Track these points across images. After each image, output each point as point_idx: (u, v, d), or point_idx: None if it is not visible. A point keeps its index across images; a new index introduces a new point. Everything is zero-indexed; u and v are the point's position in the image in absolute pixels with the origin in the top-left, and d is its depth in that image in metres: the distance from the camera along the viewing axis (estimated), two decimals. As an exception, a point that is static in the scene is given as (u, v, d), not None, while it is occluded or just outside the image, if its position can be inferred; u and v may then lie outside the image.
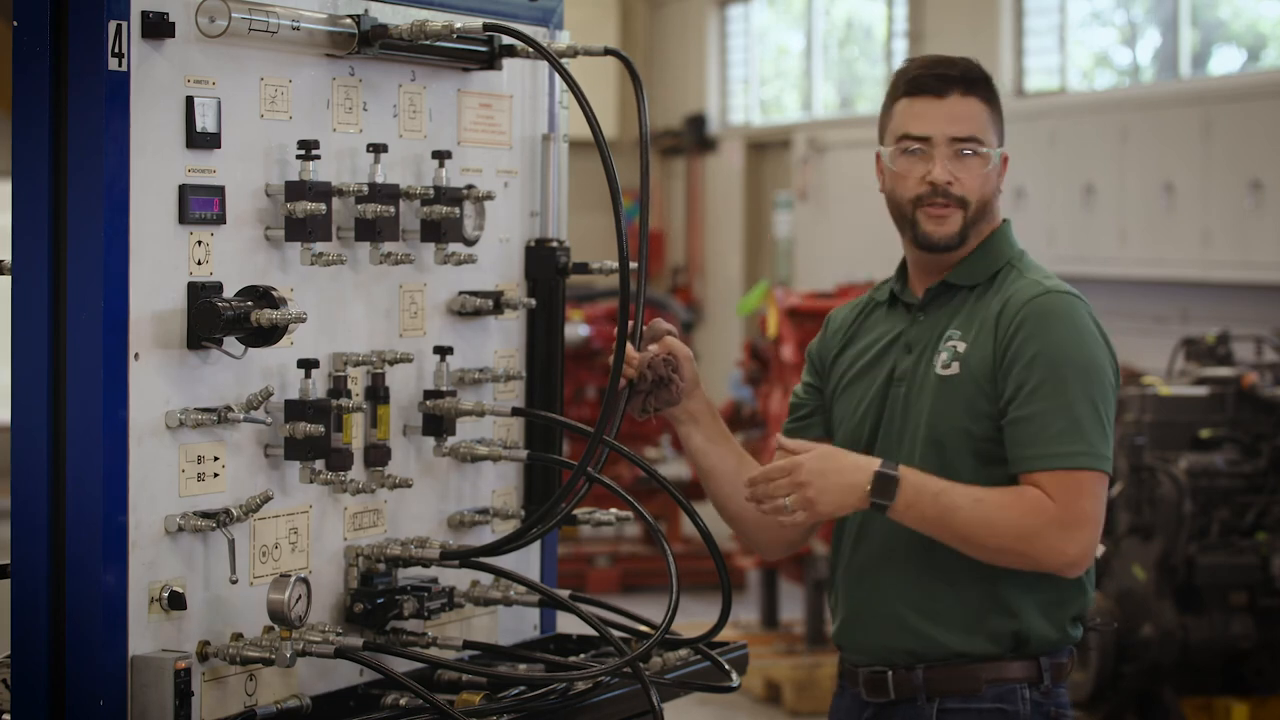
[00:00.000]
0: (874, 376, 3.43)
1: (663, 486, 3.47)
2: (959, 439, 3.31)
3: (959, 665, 3.31)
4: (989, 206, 3.42)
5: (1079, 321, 3.30)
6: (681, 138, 17.04)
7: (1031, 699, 3.32)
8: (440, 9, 3.30)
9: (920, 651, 3.33)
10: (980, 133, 3.38)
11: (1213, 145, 9.96)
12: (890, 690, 3.35)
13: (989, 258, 3.41)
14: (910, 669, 3.33)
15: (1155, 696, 7.04)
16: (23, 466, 2.86)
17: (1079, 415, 3.25)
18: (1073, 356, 3.27)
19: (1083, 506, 3.23)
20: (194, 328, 2.92)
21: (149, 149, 2.87)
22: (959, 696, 3.32)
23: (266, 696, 3.04)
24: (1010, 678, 3.32)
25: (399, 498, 3.33)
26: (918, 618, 3.33)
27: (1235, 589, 6.94)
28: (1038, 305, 3.30)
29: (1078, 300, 3.34)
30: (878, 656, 3.38)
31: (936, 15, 13.18)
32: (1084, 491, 3.24)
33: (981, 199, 3.39)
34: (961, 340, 3.34)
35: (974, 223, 3.40)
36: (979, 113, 3.39)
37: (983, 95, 3.40)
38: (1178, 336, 8.06)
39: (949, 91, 3.37)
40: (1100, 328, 3.34)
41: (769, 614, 9.48)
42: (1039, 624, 3.32)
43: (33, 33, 2.82)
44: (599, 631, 3.34)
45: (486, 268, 3.49)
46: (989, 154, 3.38)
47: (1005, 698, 3.31)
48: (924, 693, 3.33)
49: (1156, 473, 7.04)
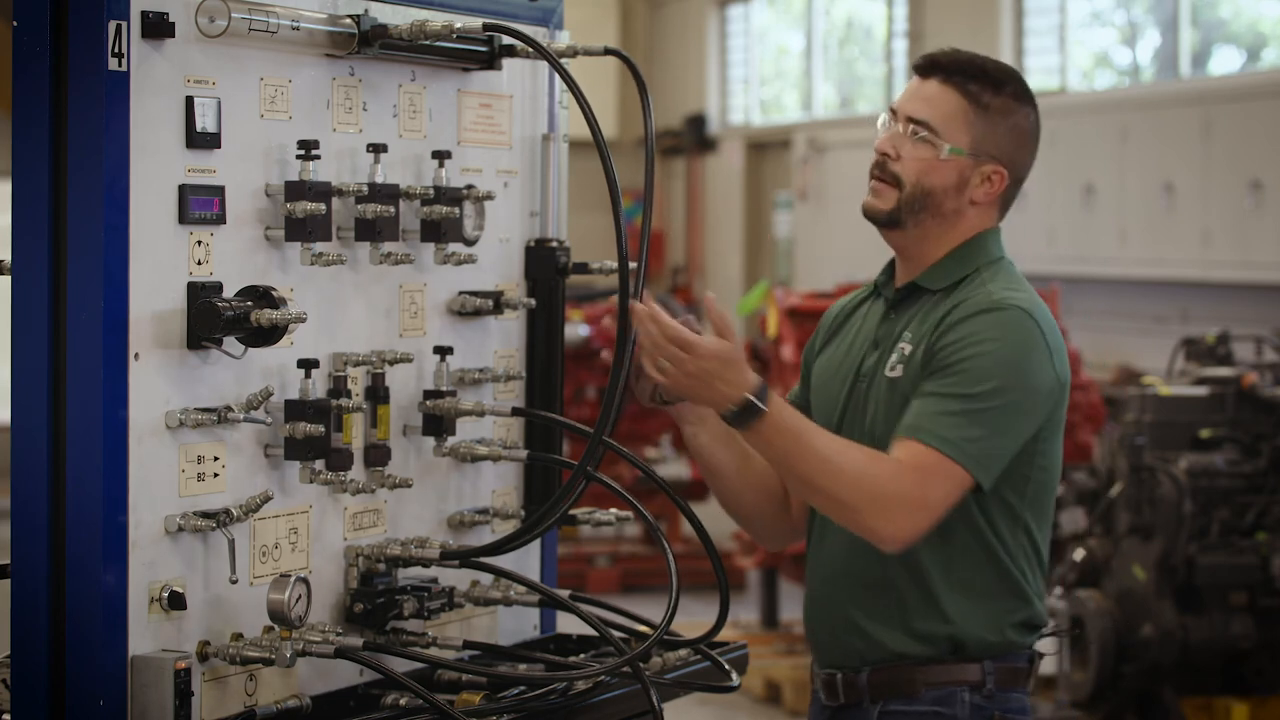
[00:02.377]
0: (846, 371, 3.40)
1: (661, 487, 3.47)
2: None
3: (900, 667, 3.29)
4: (936, 202, 3.31)
5: (1020, 335, 3.20)
6: (681, 138, 17.05)
7: (972, 702, 3.27)
8: (440, 9, 3.30)
9: (865, 653, 3.30)
10: (938, 121, 3.29)
11: (1213, 145, 9.97)
12: (840, 694, 3.33)
13: (959, 263, 3.33)
14: (857, 672, 3.31)
15: (1155, 696, 7.04)
16: (23, 466, 2.86)
17: (980, 416, 3.16)
18: (1003, 366, 3.18)
19: (929, 488, 3.13)
20: (194, 328, 2.92)
21: (149, 149, 2.86)
22: (900, 699, 3.27)
23: (266, 696, 3.04)
24: (949, 680, 3.28)
25: (399, 498, 3.33)
26: (864, 619, 3.30)
27: (1235, 589, 6.94)
28: (982, 312, 3.22)
29: (1026, 315, 3.23)
30: (830, 659, 3.35)
31: (936, 15, 13.19)
32: (937, 475, 3.14)
33: (920, 187, 3.30)
34: (909, 343, 3.28)
35: (912, 210, 3.31)
36: (947, 102, 3.30)
37: (962, 88, 3.30)
38: (1178, 336, 8.06)
39: (931, 75, 3.32)
40: (1049, 347, 3.23)
41: (769, 614, 9.48)
42: (975, 629, 3.27)
43: (33, 33, 2.82)
44: (599, 631, 3.33)
45: (486, 268, 3.49)
46: (940, 145, 3.29)
47: (943, 701, 3.27)
48: (868, 695, 3.30)
49: (1156, 473, 7.04)
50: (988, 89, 3.32)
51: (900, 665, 3.28)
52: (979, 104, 3.31)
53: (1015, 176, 3.38)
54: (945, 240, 3.36)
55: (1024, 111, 3.36)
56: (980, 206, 3.36)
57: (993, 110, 3.32)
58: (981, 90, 3.31)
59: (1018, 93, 3.36)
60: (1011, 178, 3.36)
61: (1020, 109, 3.35)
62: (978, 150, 3.32)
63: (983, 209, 3.36)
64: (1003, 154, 3.34)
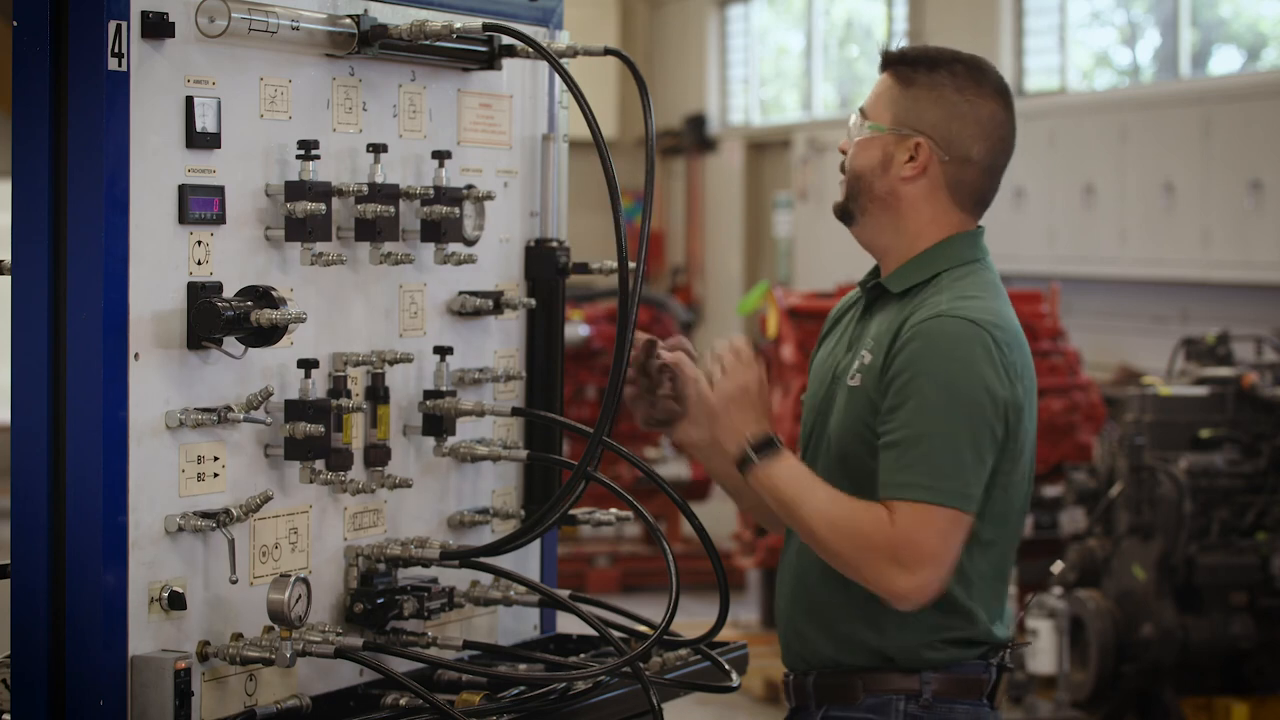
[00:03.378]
0: (826, 373, 3.38)
1: (661, 487, 3.48)
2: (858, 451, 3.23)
3: (841, 673, 3.29)
4: (865, 183, 3.29)
5: (966, 349, 3.14)
6: (681, 138, 17.04)
7: (907, 711, 3.25)
8: (440, 9, 3.30)
9: (809, 658, 3.31)
10: (870, 106, 3.29)
11: (1213, 145, 9.97)
12: (792, 695, 3.34)
13: (921, 267, 3.28)
14: (805, 674, 3.32)
15: (1155, 696, 7.04)
16: (23, 466, 2.86)
17: (944, 448, 3.12)
18: (952, 386, 3.13)
19: (922, 541, 3.09)
20: (194, 328, 2.92)
21: (149, 149, 2.87)
22: (840, 705, 3.27)
23: (266, 696, 3.04)
24: (886, 689, 3.27)
25: (399, 498, 3.33)
26: (808, 624, 3.30)
27: (1235, 589, 6.95)
28: (926, 328, 3.16)
29: (971, 325, 3.16)
30: (786, 661, 3.38)
31: (936, 15, 13.18)
32: (929, 527, 3.10)
33: (851, 172, 3.30)
34: (870, 351, 3.25)
35: (855, 198, 3.31)
36: (882, 89, 3.29)
37: (898, 73, 3.28)
38: (1178, 336, 8.07)
39: (882, 71, 3.32)
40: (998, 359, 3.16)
41: (769, 614, 9.48)
42: (904, 643, 3.23)
43: (33, 33, 2.82)
44: (599, 631, 3.34)
45: (486, 268, 3.49)
46: (867, 127, 3.28)
47: (879, 709, 3.25)
48: (814, 699, 3.30)
49: (1156, 473, 7.05)
50: (920, 69, 3.28)
51: (841, 671, 3.28)
52: (903, 81, 3.27)
53: (955, 154, 3.27)
54: (899, 232, 3.30)
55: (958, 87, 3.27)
56: (915, 185, 3.28)
57: (917, 85, 3.27)
58: (912, 71, 3.28)
59: (959, 73, 3.28)
60: (949, 154, 3.26)
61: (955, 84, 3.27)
62: (899, 124, 3.27)
63: (923, 190, 3.28)
64: (926, 126, 3.26)
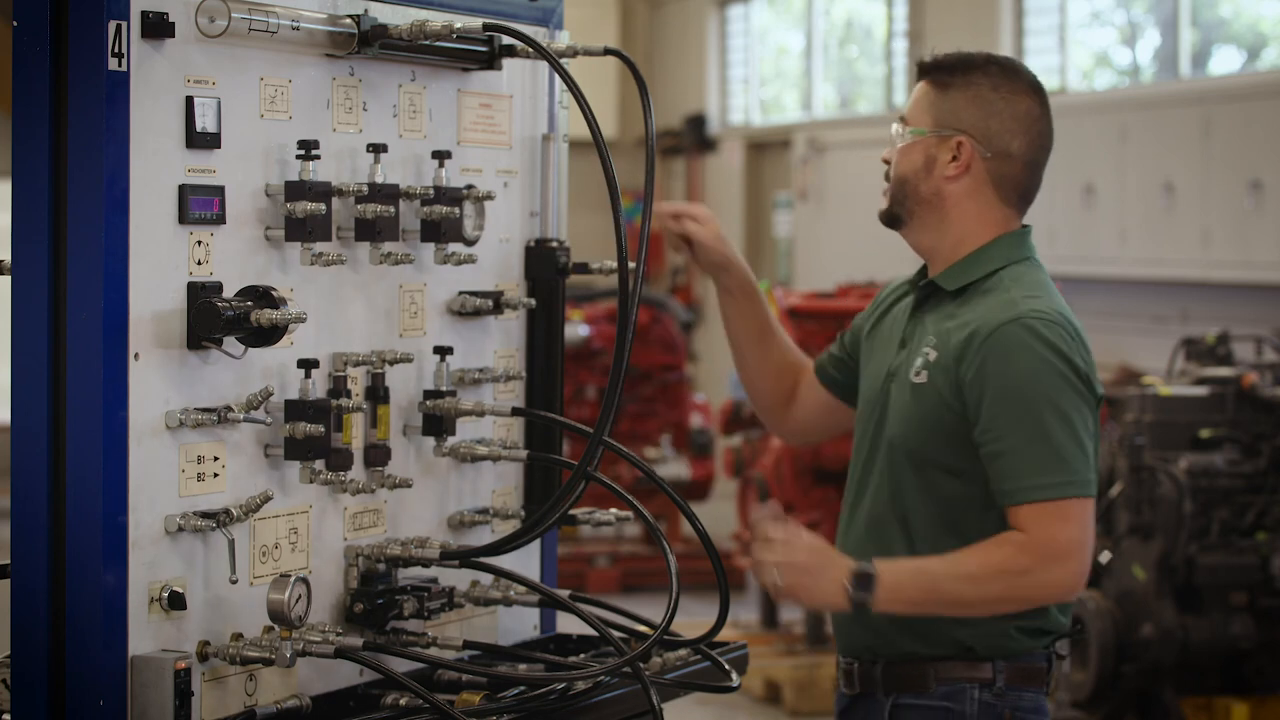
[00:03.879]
0: (879, 370, 3.47)
1: (661, 487, 3.47)
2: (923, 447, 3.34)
3: (912, 662, 3.35)
4: (910, 186, 3.40)
5: (1046, 346, 3.27)
6: (681, 138, 17.03)
7: (981, 699, 3.33)
8: (440, 9, 3.30)
9: (878, 648, 3.38)
10: (910, 113, 3.42)
11: (1213, 145, 9.96)
12: (856, 683, 3.40)
13: (976, 265, 3.39)
14: (873, 663, 3.38)
15: (1155, 696, 7.03)
16: (23, 466, 2.86)
17: (1054, 442, 3.24)
18: (1042, 384, 3.25)
19: (1068, 535, 3.24)
20: (194, 328, 2.92)
21: (149, 149, 2.86)
22: (911, 693, 3.35)
23: (266, 696, 3.04)
24: (959, 677, 3.34)
25: (399, 498, 3.33)
26: (880, 616, 3.34)
27: (1235, 589, 6.94)
28: (1003, 334, 3.27)
29: (1049, 323, 3.29)
30: (848, 649, 3.44)
31: (936, 15, 13.18)
32: (1067, 519, 3.24)
33: (897, 178, 3.41)
34: (934, 349, 3.34)
35: (901, 203, 3.42)
36: (920, 95, 3.43)
37: (932, 78, 3.42)
38: (1178, 336, 8.06)
39: (919, 79, 3.45)
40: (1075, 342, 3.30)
41: (769, 614, 9.48)
42: (988, 632, 3.32)
43: (33, 33, 2.82)
44: (599, 631, 3.34)
45: (486, 268, 3.49)
46: (909, 133, 3.40)
47: (953, 697, 3.34)
48: (881, 688, 3.37)
49: (1156, 473, 7.04)
50: (956, 73, 3.40)
51: (913, 660, 3.33)
52: (940, 86, 3.40)
53: (996, 149, 3.38)
54: (946, 230, 3.42)
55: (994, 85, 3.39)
56: (959, 184, 3.39)
57: (954, 88, 3.39)
58: (948, 75, 3.40)
59: (994, 73, 3.40)
60: (990, 150, 3.38)
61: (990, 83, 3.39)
62: (939, 126, 3.39)
63: (967, 188, 3.40)
64: (966, 125, 3.38)
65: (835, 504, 8.85)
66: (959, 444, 3.30)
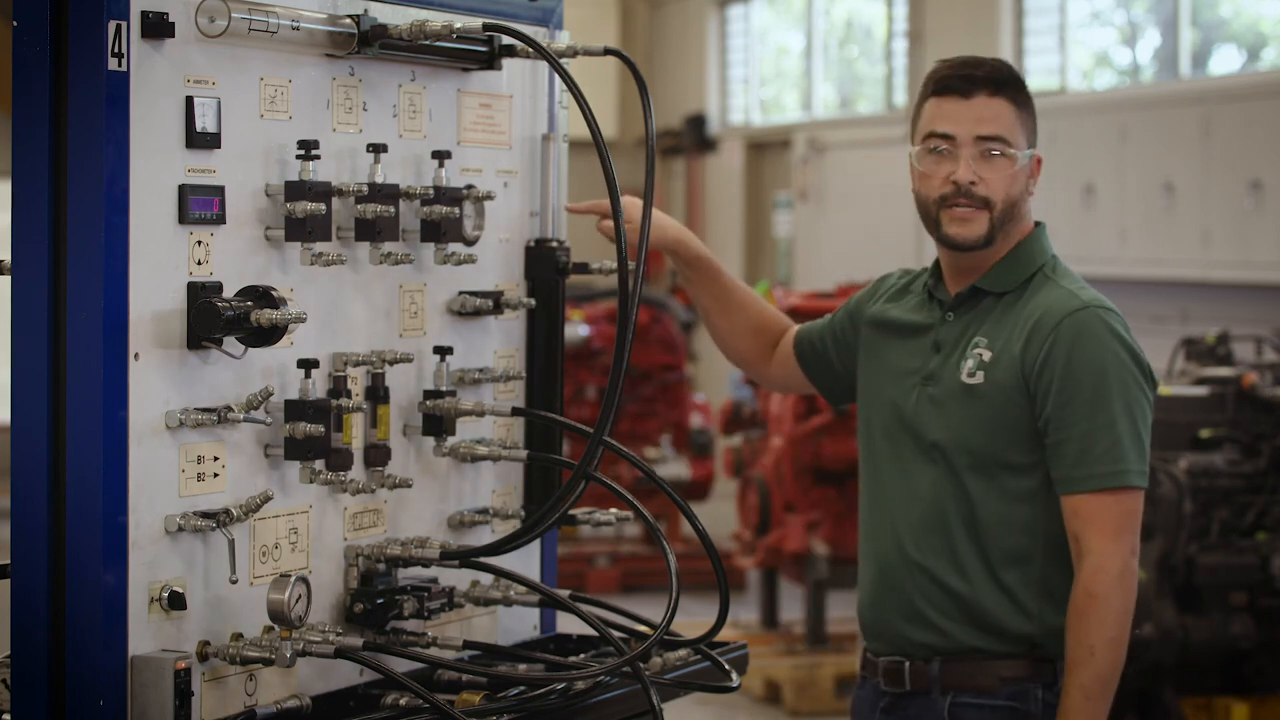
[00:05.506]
0: (903, 368, 3.46)
1: (661, 487, 3.47)
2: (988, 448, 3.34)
3: (974, 660, 3.33)
4: (1017, 208, 3.45)
5: (1114, 337, 3.35)
6: (681, 138, 17.04)
7: (1044, 699, 3.33)
8: (440, 9, 3.30)
9: (937, 645, 3.36)
10: (1007, 132, 3.41)
11: (1213, 145, 9.96)
12: (906, 681, 3.38)
13: (1020, 264, 3.44)
14: (927, 661, 3.36)
15: (1155, 696, 7.03)
16: (23, 466, 2.85)
17: (1119, 433, 3.29)
18: (1110, 374, 3.31)
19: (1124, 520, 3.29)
20: (194, 328, 2.92)
21: (149, 149, 2.86)
22: (972, 692, 3.34)
23: (266, 696, 3.04)
24: (1025, 676, 3.34)
25: (399, 498, 3.33)
26: (937, 614, 3.34)
27: (1235, 589, 6.94)
28: (1073, 323, 3.34)
29: (1111, 314, 3.39)
30: (896, 647, 3.41)
31: (936, 15, 13.18)
32: (1125, 506, 3.29)
33: (1007, 200, 3.42)
34: (988, 349, 3.37)
35: (1001, 224, 3.44)
36: (1005, 113, 3.42)
37: (1010, 96, 3.43)
38: (1178, 336, 8.05)
39: (975, 92, 3.41)
40: (1131, 337, 3.39)
41: (769, 614, 9.48)
42: (1053, 627, 3.33)
43: (33, 33, 2.82)
44: (599, 631, 3.33)
45: (486, 268, 3.49)
46: (1015, 154, 3.41)
47: (1019, 696, 3.33)
48: (939, 686, 3.35)
49: (1156, 473, 7.04)
50: (1021, 89, 3.47)
51: (975, 658, 3.32)
52: (1020, 104, 3.46)
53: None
54: (1010, 240, 3.49)
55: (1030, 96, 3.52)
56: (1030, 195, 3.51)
57: (1025, 106, 3.47)
58: (1015, 90, 3.46)
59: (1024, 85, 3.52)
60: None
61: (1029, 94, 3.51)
62: (1030, 145, 3.48)
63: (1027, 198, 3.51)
64: (1035, 141, 3.51)
65: (835, 504, 8.85)
66: (1025, 438, 3.34)
